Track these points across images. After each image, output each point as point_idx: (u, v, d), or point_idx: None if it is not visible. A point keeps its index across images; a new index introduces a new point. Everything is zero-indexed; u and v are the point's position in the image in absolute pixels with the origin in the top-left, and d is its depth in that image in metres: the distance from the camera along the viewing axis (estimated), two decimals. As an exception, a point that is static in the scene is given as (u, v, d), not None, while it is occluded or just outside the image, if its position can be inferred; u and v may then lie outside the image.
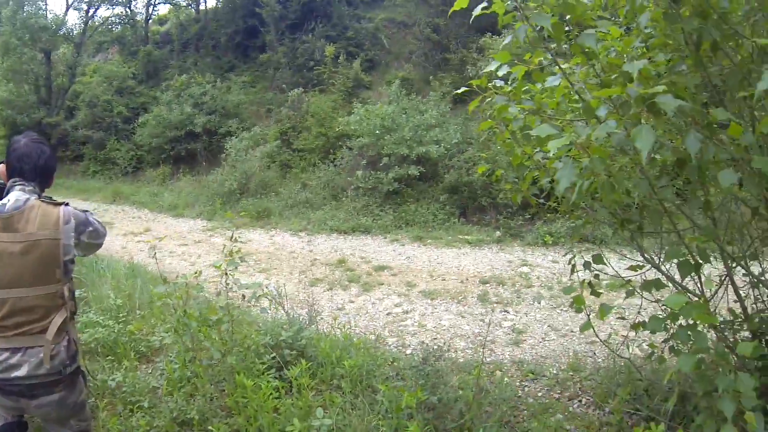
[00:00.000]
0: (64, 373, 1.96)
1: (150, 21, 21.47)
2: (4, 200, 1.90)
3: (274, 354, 2.92)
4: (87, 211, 2.08)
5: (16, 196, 1.89)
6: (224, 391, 2.68)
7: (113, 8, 20.48)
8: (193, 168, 14.46)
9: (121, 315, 3.73)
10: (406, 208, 9.17)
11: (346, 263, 6.94)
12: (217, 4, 20.16)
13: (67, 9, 19.94)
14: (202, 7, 21.03)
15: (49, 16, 19.25)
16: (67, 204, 1.97)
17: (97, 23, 20.79)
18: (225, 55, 18.20)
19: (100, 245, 2.14)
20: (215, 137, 14.35)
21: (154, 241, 2.85)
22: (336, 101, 12.95)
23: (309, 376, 2.56)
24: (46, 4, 19.68)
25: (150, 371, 3.19)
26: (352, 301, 5.50)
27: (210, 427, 2.34)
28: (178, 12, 22.14)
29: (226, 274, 2.57)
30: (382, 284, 5.99)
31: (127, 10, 20.83)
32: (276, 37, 15.74)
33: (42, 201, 1.93)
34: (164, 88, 16.14)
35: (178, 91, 15.35)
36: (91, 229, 2.04)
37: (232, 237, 2.64)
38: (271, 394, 2.39)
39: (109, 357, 3.24)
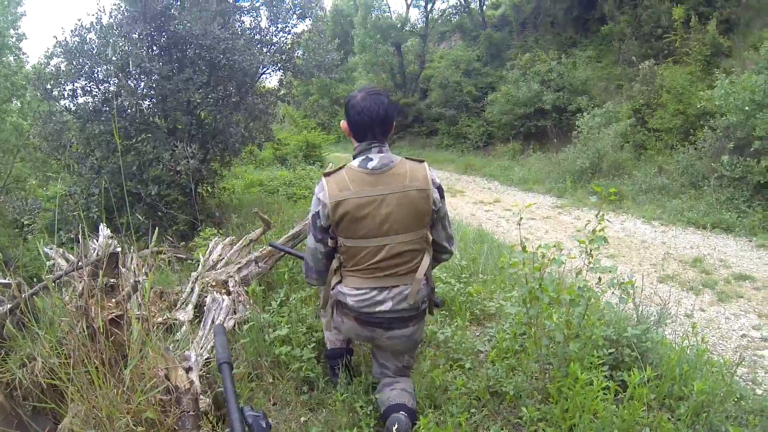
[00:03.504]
0: (419, 309, 2.14)
1: (484, 7, 22.26)
2: (362, 158, 2.06)
3: (612, 350, 2.55)
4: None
5: (377, 156, 2.05)
6: (548, 374, 2.49)
7: (448, 0, 22.26)
8: (543, 144, 14.57)
9: (463, 276, 3.82)
10: (784, 206, 7.08)
11: (702, 263, 5.97)
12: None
13: (408, 7, 22.97)
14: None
15: (394, 15, 22.90)
16: (423, 161, 2.11)
17: (436, 16, 23.06)
18: (565, 31, 17.53)
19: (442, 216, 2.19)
20: (565, 114, 14.14)
21: (516, 207, 2.77)
22: (693, 73, 11.02)
23: (648, 387, 2.13)
24: (389, 6, 23.53)
25: (479, 334, 3.23)
26: (702, 310, 4.70)
27: (523, 407, 2.21)
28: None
29: (589, 252, 2.27)
30: (741, 297, 4.98)
31: (462, 0, 22.27)
32: (615, 6, 14.45)
33: (405, 158, 2.09)
34: (509, 67, 16.61)
35: (524, 69, 15.59)
36: (442, 197, 2.13)
37: (598, 213, 2.31)
38: (598, 394, 2.08)
39: (444, 312, 3.36)
